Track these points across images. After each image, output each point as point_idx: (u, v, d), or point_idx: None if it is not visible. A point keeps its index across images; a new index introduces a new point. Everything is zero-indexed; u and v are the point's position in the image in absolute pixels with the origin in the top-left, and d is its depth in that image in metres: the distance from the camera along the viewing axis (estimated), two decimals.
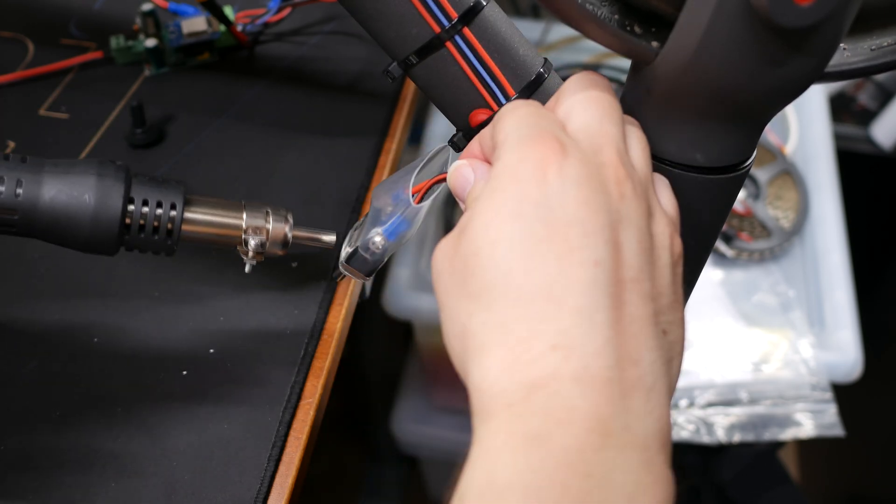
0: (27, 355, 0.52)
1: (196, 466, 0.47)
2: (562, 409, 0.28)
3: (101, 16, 0.75)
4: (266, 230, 0.46)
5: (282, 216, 0.47)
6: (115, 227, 0.42)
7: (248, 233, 0.46)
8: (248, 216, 0.46)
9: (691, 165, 0.37)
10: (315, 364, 0.53)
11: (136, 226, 0.43)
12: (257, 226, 0.46)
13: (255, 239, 0.46)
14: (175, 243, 0.44)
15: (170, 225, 0.43)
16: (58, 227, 0.41)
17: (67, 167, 0.41)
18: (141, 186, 0.43)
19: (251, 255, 0.46)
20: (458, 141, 0.41)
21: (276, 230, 0.47)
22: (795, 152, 1.10)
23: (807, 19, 0.30)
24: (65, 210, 0.41)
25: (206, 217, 0.45)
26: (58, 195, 0.41)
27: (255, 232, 0.46)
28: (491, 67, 0.38)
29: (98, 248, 0.42)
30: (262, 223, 0.46)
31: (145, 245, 0.44)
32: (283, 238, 0.47)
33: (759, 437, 0.91)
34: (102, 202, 0.41)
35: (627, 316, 0.30)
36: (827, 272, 0.98)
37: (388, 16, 0.38)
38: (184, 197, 0.44)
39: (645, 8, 0.35)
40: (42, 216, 0.41)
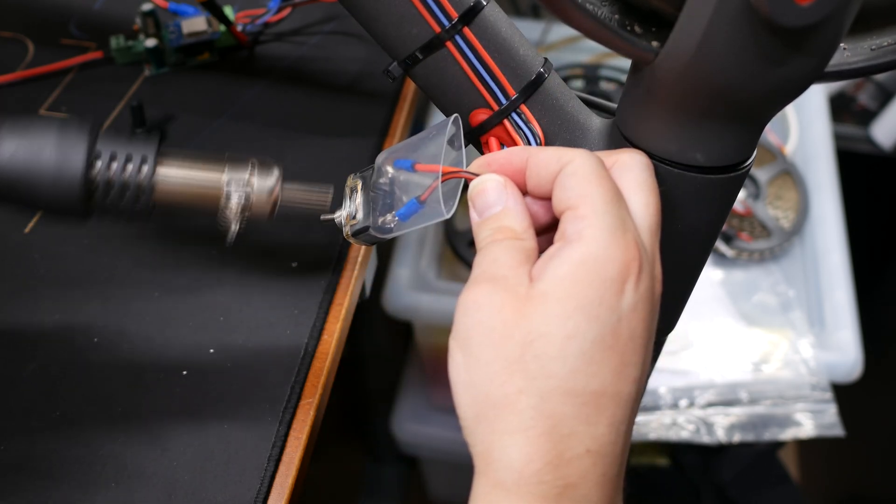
0: (27, 356, 0.52)
1: (196, 466, 0.47)
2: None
3: (101, 16, 0.75)
4: (251, 184, 0.41)
5: (269, 169, 0.42)
6: (78, 186, 0.38)
7: (230, 186, 0.41)
8: (230, 170, 0.41)
9: (691, 165, 0.37)
10: (315, 364, 0.53)
11: (101, 184, 0.39)
12: (240, 180, 0.41)
13: (237, 193, 0.41)
14: (149, 205, 0.40)
15: (141, 182, 0.39)
16: (18, 188, 0.38)
17: (27, 123, 0.38)
18: (108, 141, 0.39)
19: (234, 215, 0.41)
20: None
21: (262, 185, 0.41)
22: (795, 152, 1.10)
23: (807, 19, 0.30)
24: (25, 169, 0.37)
25: (182, 171, 0.40)
26: (17, 152, 0.37)
27: (238, 185, 0.41)
28: (491, 67, 0.38)
29: (64, 209, 0.39)
30: (245, 177, 0.41)
31: (116, 207, 0.39)
32: (269, 194, 0.41)
33: (759, 437, 0.91)
34: (64, 159, 0.37)
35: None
36: (827, 272, 0.98)
37: (389, 16, 0.38)
38: (157, 150, 0.40)
39: (645, 8, 0.35)
40: (0, 176, 0.38)
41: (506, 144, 0.40)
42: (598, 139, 0.41)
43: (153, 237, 0.59)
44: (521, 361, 0.32)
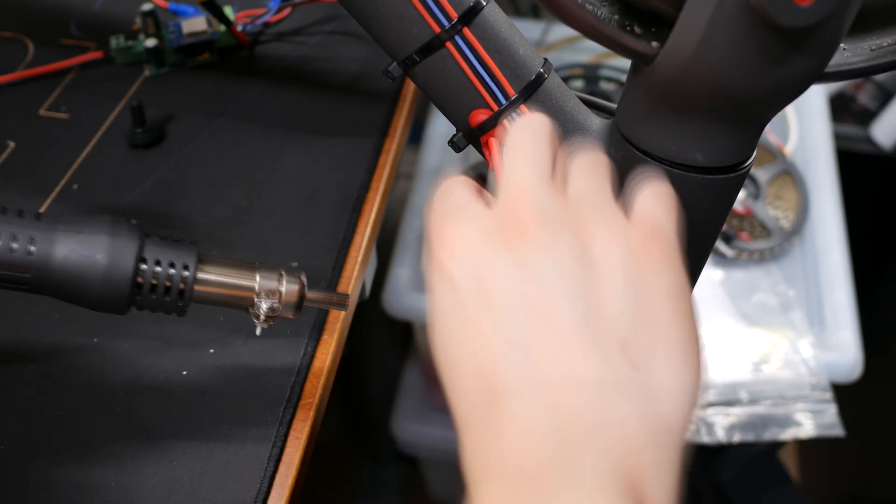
0: (27, 356, 0.52)
1: (196, 466, 0.47)
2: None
3: (101, 16, 0.75)
4: (279, 293, 0.45)
5: (296, 278, 0.46)
6: (127, 287, 0.41)
7: (260, 296, 0.44)
8: (261, 279, 0.45)
9: (691, 165, 0.37)
10: (315, 364, 0.53)
11: (147, 286, 0.42)
12: (270, 289, 0.45)
13: (266, 302, 0.44)
14: (186, 304, 0.44)
15: (182, 286, 0.43)
16: (69, 286, 0.41)
17: (81, 225, 0.41)
18: (154, 247, 0.42)
19: (262, 319, 0.45)
20: (457, 141, 0.41)
21: (289, 293, 0.45)
22: (795, 152, 1.10)
23: (807, 19, 0.30)
24: (76, 269, 0.40)
25: (219, 278, 0.44)
26: (70, 254, 0.40)
27: (268, 295, 0.45)
28: (491, 67, 0.38)
29: (109, 307, 0.42)
30: (275, 286, 0.45)
31: (156, 305, 0.43)
32: (296, 302, 0.46)
33: (759, 437, 0.91)
34: (114, 262, 0.41)
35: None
36: (827, 272, 0.98)
37: (388, 16, 0.38)
38: (196, 257, 0.43)
39: (645, 8, 0.35)
40: (53, 275, 0.40)
41: None
42: (597, 139, 0.41)
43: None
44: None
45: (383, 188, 0.63)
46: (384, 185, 0.63)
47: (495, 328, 0.29)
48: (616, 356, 0.29)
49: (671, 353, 0.30)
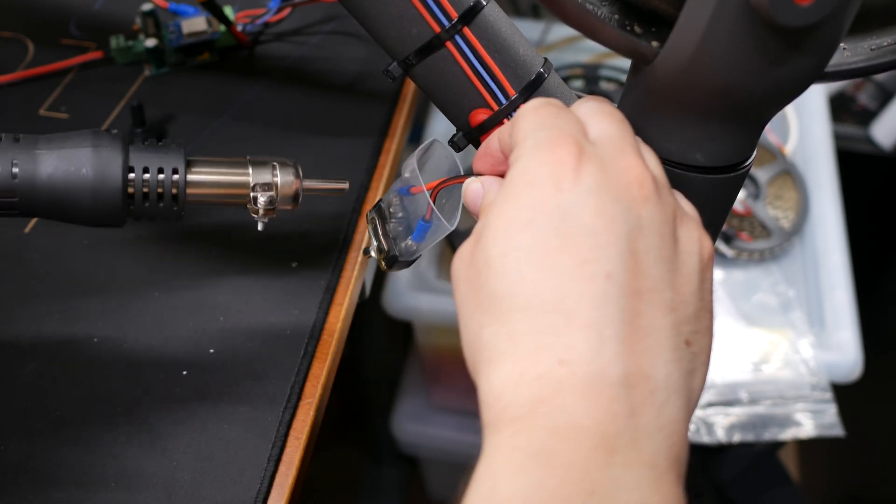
0: (27, 356, 0.52)
1: (196, 466, 0.47)
2: (566, 426, 0.28)
3: (101, 16, 0.75)
4: (275, 185, 0.44)
5: (290, 168, 0.45)
6: (118, 199, 0.40)
7: (256, 190, 0.44)
8: (254, 172, 0.44)
9: (692, 165, 0.37)
10: (315, 364, 0.53)
11: (139, 195, 0.41)
12: (265, 181, 0.44)
13: (264, 195, 0.44)
14: (182, 208, 0.43)
15: (174, 190, 0.42)
16: (59, 204, 0.40)
17: (62, 141, 0.40)
18: (139, 153, 0.41)
19: (262, 213, 0.44)
20: (458, 141, 0.41)
21: (286, 184, 0.44)
22: (795, 152, 1.10)
23: (807, 19, 0.30)
24: (64, 187, 0.39)
25: (211, 178, 0.43)
26: (55, 172, 0.39)
27: (264, 188, 0.44)
28: (491, 67, 0.38)
29: (104, 220, 0.41)
30: (269, 179, 0.44)
31: (152, 213, 0.42)
32: (293, 192, 0.45)
33: (759, 437, 0.91)
34: (101, 174, 0.40)
35: (642, 329, 0.29)
36: (827, 272, 0.98)
37: (388, 15, 0.38)
38: (185, 159, 0.42)
39: (645, 7, 0.35)
40: (42, 195, 0.39)
41: None
42: None
43: (153, 237, 0.59)
44: (478, 296, 0.31)
45: (383, 188, 0.63)
46: (384, 185, 0.63)
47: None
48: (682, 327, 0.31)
49: (710, 331, 0.33)
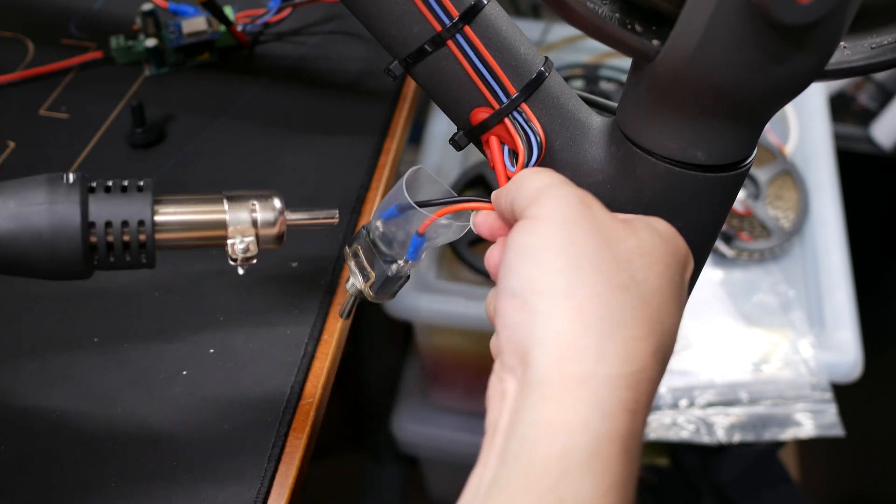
0: (27, 356, 0.52)
1: (196, 466, 0.47)
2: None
3: (101, 16, 0.75)
4: (255, 225, 0.40)
5: (271, 205, 0.40)
6: (79, 257, 0.37)
7: (233, 235, 0.39)
8: (230, 213, 0.39)
9: (692, 164, 0.37)
10: (315, 364, 0.53)
11: (102, 248, 0.37)
12: (242, 224, 0.39)
13: (241, 242, 0.39)
14: (152, 257, 0.39)
15: (141, 238, 0.38)
16: (14, 264, 0.37)
17: (13, 194, 0.37)
18: (101, 205, 0.37)
19: (240, 260, 0.40)
20: (458, 139, 0.41)
21: (266, 224, 0.40)
22: (795, 152, 1.10)
23: (807, 17, 0.30)
24: (18, 247, 0.36)
25: (182, 220, 0.39)
26: (6, 233, 0.36)
27: (243, 233, 0.39)
28: (492, 66, 0.38)
29: (68, 276, 0.38)
30: (247, 219, 0.39)
31: (118, 264, 0.38)
32: (276, 233, 0.40)
33: (759, 437, 0.91)
34: (58, 233, 0.36)
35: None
36: (827, 272, 0.98)
37: (390, 14, 0.38)
38: (152, 207, 0.38)
39: (646, 6, 0.35)
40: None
41: (506, 143, 0.40)
42: (598, 138, 0.41)
43: None
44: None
45: (383, 188, 0.63)
46: (384, 185, 0.63)
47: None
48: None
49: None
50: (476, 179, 1.07)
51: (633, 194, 0.40)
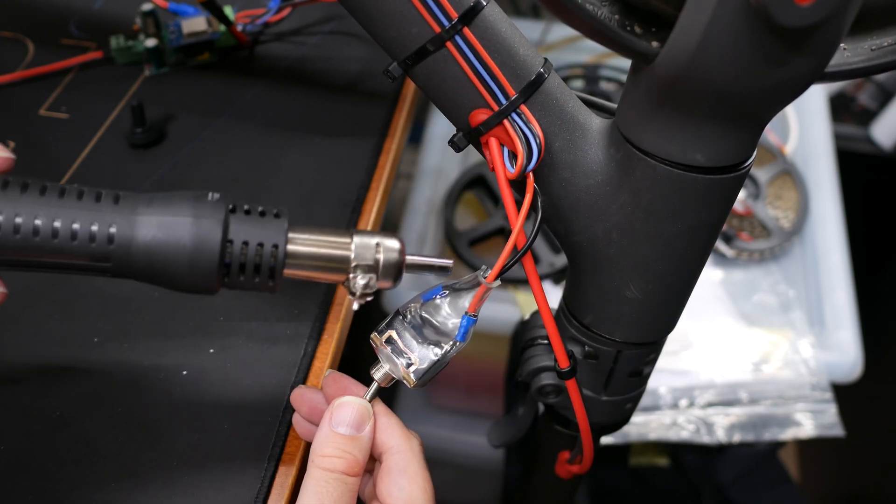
0: (27, 356, 0.52)
1: (196, 466, 0.47)
2: None
3: (101, 16, 0.75)
4: (377, 265, 0.42)
5: (395, 247, 0.42)
6: (214, 271, 0.38)
7: (356, 270, 0.41)
8: (357, 250, 0.41)
9: (692, 165, 0.37)
10: (315, 364, 0.53)
11: (235, 267, 0.39)
12: (366, 262, 0.41)
13: (363, 278, 0.41)
14: (277, 283, 0.41)
15: (272, 263, 0.40)
16: (154, 272, 0.38)
17: (162, 206, 0.39)
18: (240, 224, 0.39)
19: (358, 295, 0.41)
20: (458, 141, 0.41)
21: (388, 264, 0.42)
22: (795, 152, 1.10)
23: (807, 19, 0.30)
24: (161, 255, 0.38)
25: (311, 252, 0.41)
26: (153, 241, 0.38)
27: (364, 270, 0.41)
28: (491, 67, 0.38)
29: (197, 289, 0.39)
30: (371, 257, 0.41)
31: (246, 285, 0.40)
32: (394, 273, 0.42)
33: (759, 437, 0.91)
34: (200, 245, 0.38)
35: None
36: (827, 272, 0.98)
37: (388, 16, 0.38)
38: (286, 234, 0.40)
39: (645, 8, 0.35)
40: (137, 263, 0.38)
41: (505, 145, 0.40)
42: (597, 139, 0.41)
43: None
44: None
45: (383, 188, 0.63)
46: (384, 185, 0.63)
47: None
48: None
49: None
50: (476, 180, 1.08)
51: (633, 196, 0.40)
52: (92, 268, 0.38)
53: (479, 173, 1.07)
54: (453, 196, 1.06)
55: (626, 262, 0.42)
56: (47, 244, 0.37)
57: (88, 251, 0.37)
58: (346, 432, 0.42)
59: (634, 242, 0.41)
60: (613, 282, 0.44)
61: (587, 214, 0.42)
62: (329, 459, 0.41)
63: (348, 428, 0.43)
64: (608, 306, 0.46)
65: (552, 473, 0.60)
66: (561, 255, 0.99)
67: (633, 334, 0.47)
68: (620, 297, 0.44)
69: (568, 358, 0.47)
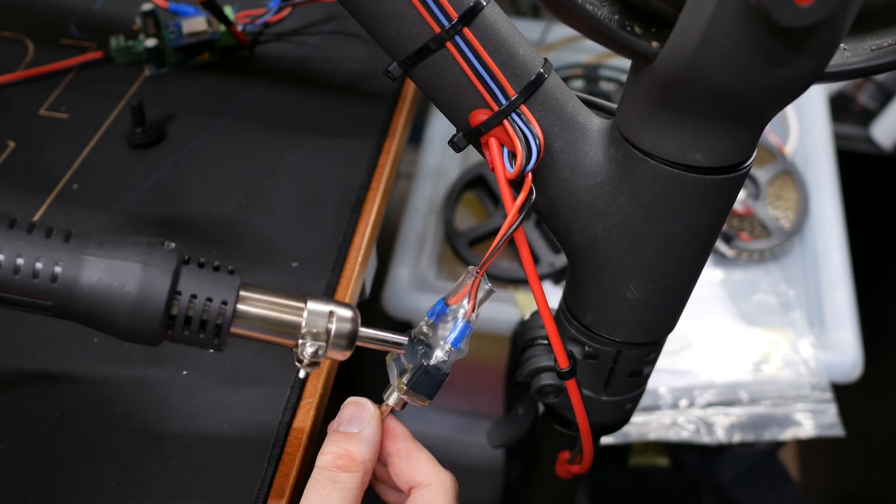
0: (27, 356, 0.52)
1: (196, 466, 0.47)
2: None
3: (101, 16, 0.75)
4: (328, 334, 0.41)
5: (346, 318, 0.41)
6: (157, 322, 0.37)
7: (305, 338, 0.40)
8: (308, 316, 0.40)
9: (692, 166, 0.37)
10: None
11: (180, 321, 0.38)
12: (317, 330, 0.40)
13: (311, 346, 0.40)
14: (222, 341, 0.39)
15: (219, 321, 0.39)
16: (95, 316, 0.37)
17: (113, 250, 0.37)
18: (190, 277, 0.38)
19: (306, 363, 0.40)
20: (458, 141, 0.41)
21: (339, 335, 0.41)
22: (795, 152, 1.10)
23: (807, 19, 0.30)
24: (103, 300, 0.37)
25: (261, 314, 0.40)
26: (98, 284, 0.37)
27: (315, 337, 0.40)
28: (491, 67, 0.38)
29: (138, 339, 0.38)
30: (322, 327, 0.41)
31: (189, 340, 0.39)
32: (345, 344, 0.41)
33: (759, 437, 0.91)
34: (145, 294, 0.37)
35: None
36: (827, 272, 0.98)
37: (388, 16, 0.38)
38: (237, 292, 0.39)
39: (645, 8, 0.35)
40: (79, 304, 0.37)
41: (505, 145, 0.40)
42: (597, 139, 0.41)
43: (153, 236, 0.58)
44: None
45: (383, 188, 0.63)
46: (384, 185, 0.63)
47: None
48: None
49: None
50: (476, 180, 1.08)
51: (633, 196, 0.40)
52: (32, 304, 0.37)
53: (479, 173, 1.07)
54: (453, 196, 1.06)
55: (626, 262, 0.42)
56: None
57: (30, 287, 0.36)
58: (344, 429, 0.43)
59: (634, 242, 0.41)
60: (613, 282, 0.44)
61: (587, 214, 0.42)
62: (326, 457, 0.42)
63: (345, 425, 0.43)
64: (608, 306, 0.46)
65: (552, 473, 0.60)
66: (561, 255, 0.99)
67: (633, 334, 0.47)
68: (620, 297, 0.44)
69: (568, 358, 0.47)
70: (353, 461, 0.42)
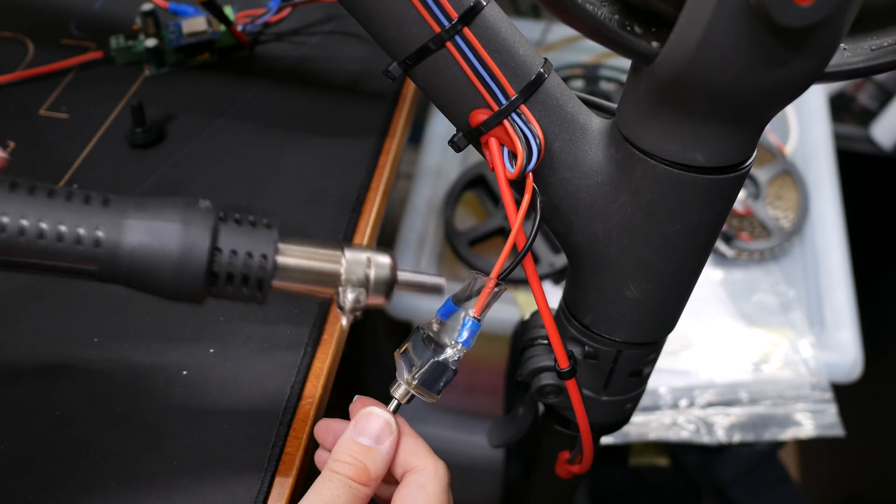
0: (27, 356, 0.52)
1: (196, 466, 0.47)
2: None
3: (101, 16, 0.75)
4: (367, 280, 0.41)
5: (386, 262, 0.42)
6: (200, 280, 0.38)
7: (346, 286, 0.41)
8: (347, 265, 0.41)
9: (692, 165, 0.37)
10: (315, 364, 0.53)
11: (223, 277, 0.39)
12: (357, 277, 0.41)
13: (352, 293, 0.41)
14: (266, 294, 0.40)
15: (260, 276, 0.39)
16: (139, 277, 0.38)
17: (152, 212, 0.38)
18: (229, 234, 0.39)
19: (348, 310, 0.41)
20: (458, 141, 0.41)
21: (378, 280, 0.41)
22: (795, 152, 1.10)
23: (807, 19, 0.30)
24: (146, 261, 0.37)
25: (301, 265, 0.40)
26: (139, 246, 0.37)
27: (355, 284, 0.41)
28: (491, 67, 0.38)
29: (183, 297, 0.39)
30: (361, 274, 0.41)
31: (233, 295, 0.40)
32: (385, 289, 0.42)
33: (759, 437, 0.91)
34: (187, 253, 0.37)
35: None
36: (827, 272, 0.98)
37: (388, 16, 0.38)
38: (275, 245, 0.40)
39: (645, 8, 0.35)
40: (122, 266, 0.37)
41: (505, 145, 0.40)
42: (597, 139, 0.41)
43: None
44: None
45: (383, 188, 0.63)
46: (384, 185, 0.63)
47: None
48: None
49: None
50: (476, 180, 1.08)
51: (633, 196, 0.40)
52: (78, 270, 0.37)
53: (479, 173, 1.07)
54: (453, 196, 1.06)
55: (626, 262, 0.42)
56: (33, 245, 0.36)
57: (74, 253, 0.37)
58: (366, 443, 0.42)
59: (634, 242, 0.41)
60: (613, 282, 0.44)
61: (587, 214, 0.42)
62: (340, 464, 0.41)
63: (368, 439, 0.42)
64: (608, 306, 0.46)
65: (552, 473, 0.60)
66: (561, 255, 0.99)
67: (633, 334, 0.47)
68: (620, 297, 0.44)
69: (568, 358, 0.47)
70: (369, 477, 0.42)
